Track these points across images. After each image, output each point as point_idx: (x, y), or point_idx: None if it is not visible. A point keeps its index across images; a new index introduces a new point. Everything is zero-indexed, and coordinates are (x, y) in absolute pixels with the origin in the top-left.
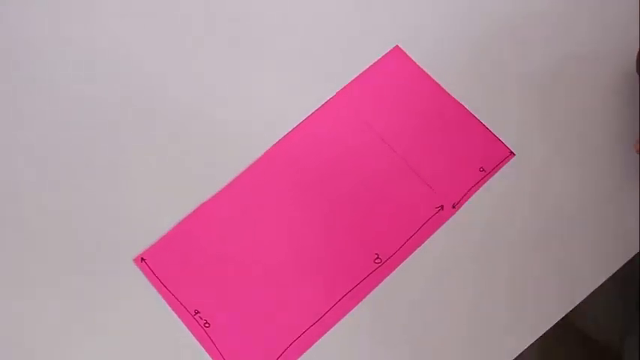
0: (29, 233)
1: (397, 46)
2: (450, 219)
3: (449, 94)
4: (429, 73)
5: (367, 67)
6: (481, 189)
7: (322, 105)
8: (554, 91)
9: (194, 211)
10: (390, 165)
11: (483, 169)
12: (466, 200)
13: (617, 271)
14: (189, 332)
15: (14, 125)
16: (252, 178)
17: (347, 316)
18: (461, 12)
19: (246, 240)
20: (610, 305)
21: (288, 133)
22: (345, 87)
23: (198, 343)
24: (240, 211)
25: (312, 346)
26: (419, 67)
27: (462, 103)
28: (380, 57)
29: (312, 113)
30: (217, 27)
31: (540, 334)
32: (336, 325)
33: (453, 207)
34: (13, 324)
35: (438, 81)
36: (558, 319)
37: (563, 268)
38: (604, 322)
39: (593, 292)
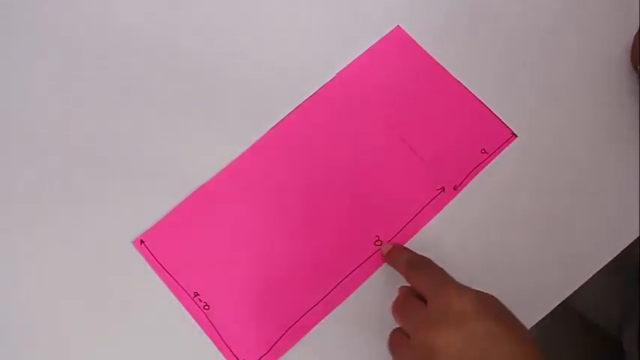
0: (27, 216)
1: (398, 26)
2: (452, 201)
3: (451, 75)
4: (431, 54)
5: (368, 47)
6: (483, 171)
7: (323, 86)
8: (557, 74)
9: (193, 193)
10: (391, 146)
11: (485, 151)
12: (468, 182)
13: (617, 255)
14: (189, 314)
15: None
16: (250, 159)
17: (347, 299)
18: None
19: (244, 222)
20: (610, 291)
21: (287, 115)
22: (345, 67)
23: (197, 325)
24: (239, 193)
25: (312, 329)
26: (420, 47)
27: (464, 84)
28: (381, 37)
29: (313, 94)
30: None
31: (540, 318)
32: (336, 309)
33: (455, 189)
34: (13, 308)
35: (439, 61)
36: (558, 303)
37: (563, 252)
38: (604, 308)
39: (592, 277)
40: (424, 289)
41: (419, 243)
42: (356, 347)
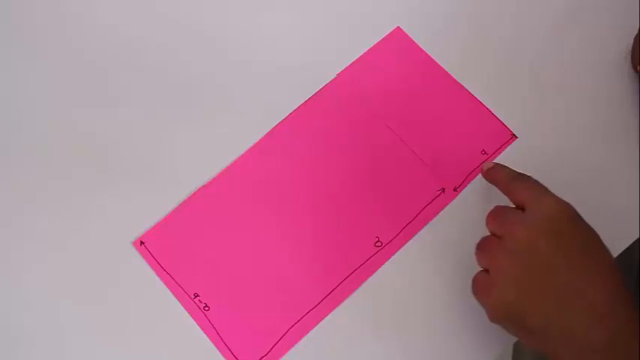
0: (27, 217)
1: (398, 27)
2: (452, 202)
3: (451, 76)
4: (431, 55)
5: (368, 48)
6: None
7: (323, 87)
8: (558, 75)
9: (193, 194)
10: (391, 148)
11: (485, 152)
12: (468, 183)
13: (617, 255)
14: (189, 315)
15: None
16: (250, 161)
17: (347, 300)
18: None
19: (245, 223)
20: None
21: (287, 116)
22: (345, 68)
23: (197, 326)
24: (239, 194)
25: (312, 330)
26: (420, 48)
27: (464, 85)
28: (381, 38)
29: (313, 95)
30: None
31: None
32: (337, 309)
33: (455, 190)
34: (12, 309)
35: (439, 62)
36: None
37: None
38: None
39: None
40: (525, 198)
41: (419, 244)
42: (356, 349)
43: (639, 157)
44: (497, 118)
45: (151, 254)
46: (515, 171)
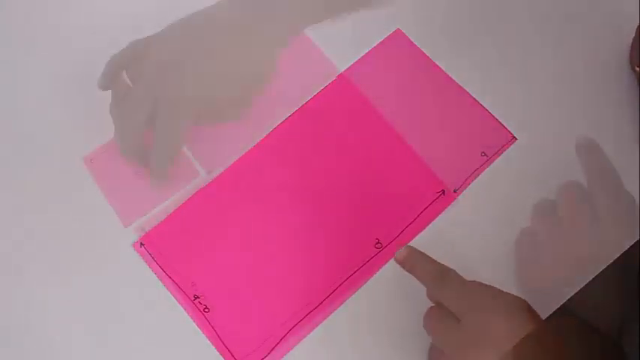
0: (26, 218)
1: (398, 29)
2: (452, 204)
3: (451, 78)
4: (430, 56)
5: (368, 49)
6: (483, 173)
7: (323, 88)
8: (557, 74)
9: (193, 196)
10: (391, 149)
11: (485, 154)
12: (468, 185)
13: (618, 258)
14: (189, 317)
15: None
16: (251, 161)
17: (347, 301)
18: None
19: (245, 224)
20: (610, 292)
21: (287, 118)
22: (345, 70)
23: (197, 327)
24: (239, 196)
25: (313, 332)
26: (420, 50)
27: (464, 87)
28: (381, 40)
29: (313, 97)
30: None
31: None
32: (337, 311)
33: (455, 192)
34: (12, 310)
35: (439, 64)
36: (558, 305)
37: (564, 255)
38: (604, 309)
39: (593, 279)
40: (457, 310)
41: (419, 246)
42: (355, 350)
43: (639, 157)
44: (497, 120)
45: (151, 256)
46: (439, 264)
